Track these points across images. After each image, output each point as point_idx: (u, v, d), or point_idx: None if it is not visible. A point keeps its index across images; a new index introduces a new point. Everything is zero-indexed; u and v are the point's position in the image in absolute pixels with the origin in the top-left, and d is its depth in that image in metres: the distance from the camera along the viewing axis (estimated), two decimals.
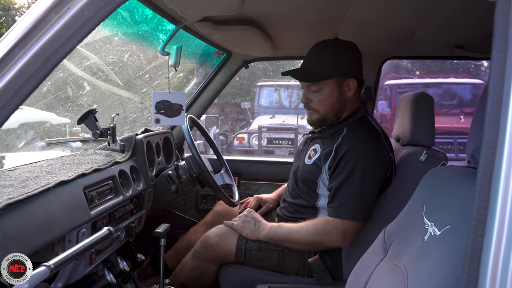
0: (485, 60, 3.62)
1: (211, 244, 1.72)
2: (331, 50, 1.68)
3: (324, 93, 1.67)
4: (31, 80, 0.75)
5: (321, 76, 1.65)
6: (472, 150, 0.82)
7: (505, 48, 0.59)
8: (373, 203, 1.62)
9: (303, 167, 1.74)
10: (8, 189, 1.08)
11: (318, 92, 1.67)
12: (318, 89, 1.67)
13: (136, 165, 1.76)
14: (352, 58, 1.69)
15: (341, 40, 1.74)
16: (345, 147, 1.61)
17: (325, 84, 1.66)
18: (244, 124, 10.50)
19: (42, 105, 3.21)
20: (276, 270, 1.70)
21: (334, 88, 1.67)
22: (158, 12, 1.47)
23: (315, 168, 1.68)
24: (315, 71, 1.66)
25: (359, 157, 1.58)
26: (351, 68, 1.69)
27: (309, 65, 1.69)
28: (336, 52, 1.67)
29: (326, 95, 1.67)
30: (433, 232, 0.88)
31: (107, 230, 1.15)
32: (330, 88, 1.66)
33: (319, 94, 1.67)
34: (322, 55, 1.67)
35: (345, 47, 1.69)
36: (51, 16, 0.75)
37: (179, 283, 1.80)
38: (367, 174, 1.57)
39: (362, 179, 1.56)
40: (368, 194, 1.59)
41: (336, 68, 1.65)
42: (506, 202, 0.57)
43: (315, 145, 1.74)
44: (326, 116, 1.70)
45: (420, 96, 1.70)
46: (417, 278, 0.87)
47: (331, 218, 1.59)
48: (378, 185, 1.62)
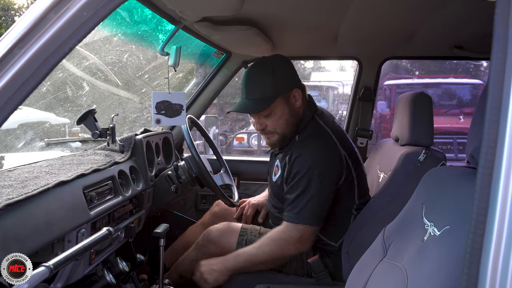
0: (484, 61, 3.63)
1: (213, 238, 1.75)
2: (264, 72, 1.67)
3: (276, 114, 1.67)
4: (31, 80, 0.75)
5: (268, 101, 1.64)
6: (472, 150, 0.82)
7: (505, 49, 0.59)
8: (329, 203, 1.64)
9: (272, 183, 1.80)
10: (8, 189, 1.08)
11: (269, 116, 1.68)
12: (268, 113, 1.67)
13: (135, 165, 1.76)
14: (286, 71, 1.70)
15: (267, 57, 1.75)
16: (294, 155, 1.64)
17: (274, 106, 1.65)
18: (243, 124, 10.48)
19: (41, 105, 3.20)
20: (275, 270, 1.70)
21: (283, 106, 1.67)
22: (157, 12, 1.46)
23: (280, 183, 1.71)
24: (260, 98, 1.65)
25: (308, 163, 1.60)
26: (289, 81, 1.69)
27: (251, 95, 1.67)
28: (270, 72, 1.66)
29: (278, 115, 1.67)
30: (432, 232, 0.88)
31: (107, 230, 1.15)
32: (280, 107, 1.66)
33: (272, 117, 1.67)
34: (259, 81, 1.67)
35: (275, 64, 1.69)
36: (50, 16, 0.75)
37: (177, 274, 1.83)
38: (318, 178, 1.59)
39: (314, 185, 1.59)
40: (321, 198, 1.61)
41: (277, 87, 1.65)
42: (506, 202, 0.57)
43: (277, 161, 1.78)
44: (284, 134, 1.70)
45: (418, 96, 1.70)
46: (416, 278, 0.87)
47: (283, 226, 1.62)
48: (332, 185, 1.63)
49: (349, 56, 2.51)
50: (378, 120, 8.67)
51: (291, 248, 1.62)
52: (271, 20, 1.72)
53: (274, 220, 1.84)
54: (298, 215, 1.60)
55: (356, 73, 2.52)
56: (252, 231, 1.77)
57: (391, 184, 1.66)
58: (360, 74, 2.47)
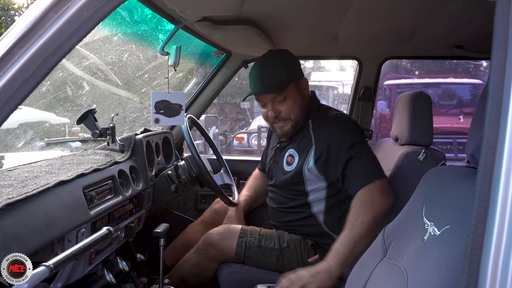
0: (484, 60, 3.63)
1: (213, 242, 1.73)
2: (278, 60, 1.75)
3: (290, 99, 1.71)
4: (31, 79, 0.75)
5: (284, 84, 1.69)
6: (472, 150, 0.82)
7: (505, 48, 0.59)
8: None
9: (284, 175, 1.78)
10: (8, 189, 1.08)
11: (284, 101, 1.71)
12: (283, 98, 1.70)
13: (135, 165, 1.76)
14: (295, 61, 1.79)
15: (274, 50, 1.84)
16: (322, 135, 1.68)
17: (288, 91, 1.70)
18: (243, 124, 10.49)
19: (41, 105, 3.20)
20: (276, 270, 1.70)
21: (295, 91, 1.72)
22: (157, 12, 1.46)
23: (298, 170, 1.71)
24: (276, 83, 1.69)
25: (345, 133, 1.66)
26: (298, 70, 1.79)
27: (266, 81, 1.70)
28: (283, 60, 1.75)
29: (292, 100, 1.71)
30: (432, 232, 0.88)
31: (107, 230, 1.15)
32: (293, 93, 1.71)
33: (286, 102, 1.71)
34: (274, 67, 1.72)
35: (284, 54, 1.78)
36: (51, 15, 0.74)
37: (178, 277, 1.82)
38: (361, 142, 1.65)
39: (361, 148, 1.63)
40: (373, 155, 1.65)
41: (290, 74, 1.73)
42: (506, 202, 0.57)
43: (289, 150, 1.78)
44: (297, 120, 1.74)
45: (418, 95, 1.70)
46: (416, 278, 0.87)
47: (360, 194, 1.58)
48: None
49: (349, 56, 2.51)
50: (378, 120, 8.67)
51: (380, 205, 1.56)
52: (271, 19, 1.72)
53: (276, 217, 1.83)
54: (366, 175, 1.59)
55: (356, 73, 2.52)
56: (252, 233, 1.76)
57: (391, 184, 1.66)
58: (360, 74, 2.48)
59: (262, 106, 1.77)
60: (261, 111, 1.80)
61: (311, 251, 1.70)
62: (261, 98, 1.73)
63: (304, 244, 1.73)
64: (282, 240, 1.73)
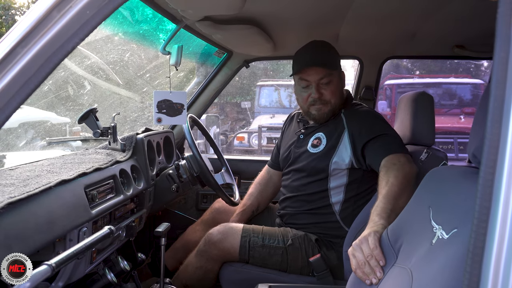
0: (485, 60, 3.63)
1: (215, 242, 1.70)
2: (328, 47, 1.81)
3: (334, 84, 1.77)
4: (33, 79, 0.75)
5: (336, 65, 1.79)
6: (474, 149, 0.82)
7: (508, 48, 0.58)
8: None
9: (309, 157, 1.78)
10: (9, 188, 1.08)
11: (328, 84, 1.75)
12: (328, 81, 1.75)
13: (136, 164, 1.76)
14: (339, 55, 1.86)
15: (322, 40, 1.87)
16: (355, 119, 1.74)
17: (334, 75, 1.77)
18: (244, 124, 10.48)
19: (42, 104, 3.21)
20: (280, 269, 1.69)
21: (338, 79, 1.80)
22: (159, 11, 1.46)
23: (326, 153, 1.74)
24: (331, 60, 1.77)
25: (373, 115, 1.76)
26: (340, 63, 1.87)
27: (322, 56, 1.77)
28: (332, 49, 1.82)
29: (335, 85, 1.77)
30: (441, 236, 0.87)
31: (108, 229, 1.15)
32: (337, 79, 1.79)
33: (330, 86, 1.76)
34: (327, 50, 1.80)
35: (331, 46, 1.84)
36: (53, 14, 0.74)
37: (182, 284, 1.78)
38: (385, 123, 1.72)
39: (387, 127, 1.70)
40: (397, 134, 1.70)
41: (338, 61, 1.83)
42: (508, 201, 0.57)
43: (316, 134, 1.81)
44: (335, 105, 1.79)
45: (420, 95, 1.70)
46: (421, 279, 0.87)
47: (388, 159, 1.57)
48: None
49: (350, 56, 2.51)
50: None
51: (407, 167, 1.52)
52: (272, 19, 1.72)
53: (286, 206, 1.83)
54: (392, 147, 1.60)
55: (357, 73, 2.52)
56: (255, 232, 1.73)
57: None
58: (361, 74, 2.47)
59: (303, 88, 1.78)
60: (299, 94, 1.82)
61: (315, 247, 1.69)
62: (307, 77, 1.75)
63: (308, 240, 1.71)
64: (286, 238, 1.71)
